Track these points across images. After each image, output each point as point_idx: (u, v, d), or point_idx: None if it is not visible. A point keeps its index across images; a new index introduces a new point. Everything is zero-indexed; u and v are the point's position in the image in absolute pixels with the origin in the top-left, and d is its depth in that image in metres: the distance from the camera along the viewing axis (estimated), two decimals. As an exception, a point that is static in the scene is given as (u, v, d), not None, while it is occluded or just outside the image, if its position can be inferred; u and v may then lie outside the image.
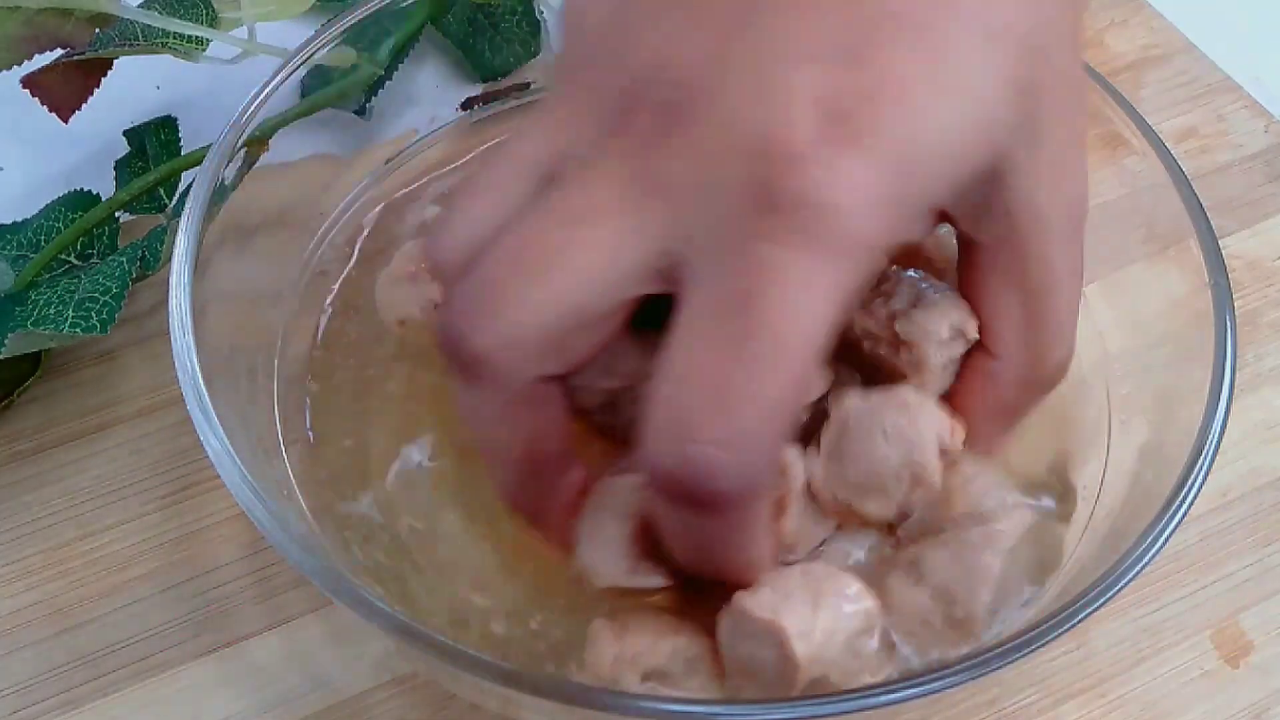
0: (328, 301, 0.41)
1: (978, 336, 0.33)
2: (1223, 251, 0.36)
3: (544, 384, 0.30)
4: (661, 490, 0.27)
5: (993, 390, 0.33)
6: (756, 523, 0.29)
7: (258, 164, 0.39)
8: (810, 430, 0.33)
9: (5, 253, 0.46)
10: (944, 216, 0.31)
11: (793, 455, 0.32)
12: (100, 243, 0.46)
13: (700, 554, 0.30)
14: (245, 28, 0.48)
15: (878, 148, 0.26)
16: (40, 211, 0.47)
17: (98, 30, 0.46)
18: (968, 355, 0.33)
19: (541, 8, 0.52)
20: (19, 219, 0.48)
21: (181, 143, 0.49)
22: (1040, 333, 0.32)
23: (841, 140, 0.26)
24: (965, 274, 0.33)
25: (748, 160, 0.26)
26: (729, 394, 0.26)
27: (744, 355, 0.26)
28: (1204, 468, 0.32)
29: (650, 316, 0.29)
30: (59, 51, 0.46)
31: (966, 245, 0.32)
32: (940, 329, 0.33)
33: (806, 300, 0.26)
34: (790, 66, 0.27)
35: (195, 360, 0.33)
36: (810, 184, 0.26)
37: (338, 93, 0.45)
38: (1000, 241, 0.31)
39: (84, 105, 0.47)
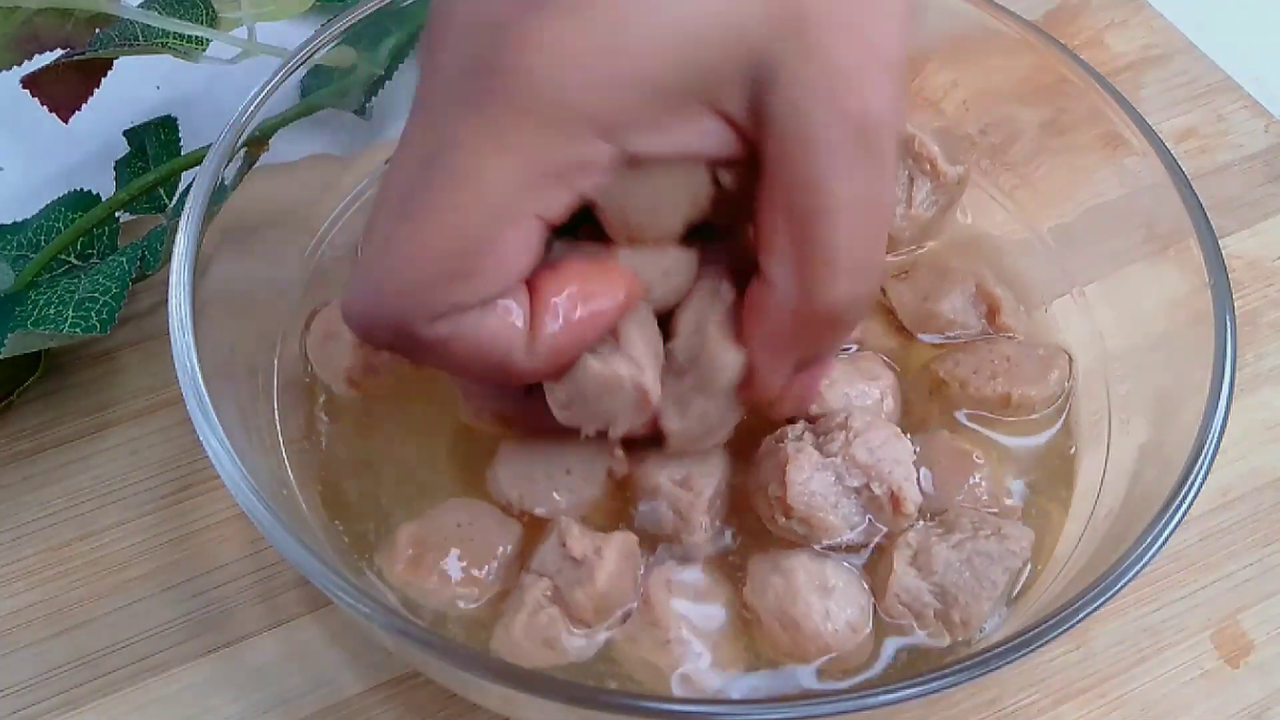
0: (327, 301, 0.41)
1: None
2: (1223, 251, 0.36)
3: None
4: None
5: (762, 319, 0.31)
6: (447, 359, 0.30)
7: (258, 164, 0.39)
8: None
9: (5, 253, 0.46)
10: (740, 135, 0.29)
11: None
12: (100, 243, 0.46)
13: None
14: (245, 28, 0.48)
15: (585, 18, 0.26)
16: (40, 211, 0.47)
17: (98, 30, 0.46)
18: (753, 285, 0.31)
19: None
20: (19, 219, 0.48)
21: (181, 143, 0.49)
22: (808, 262, 0.29)
23: (547, 8, 0.26)
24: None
25: (471, 38, 0.27)
26: (390, 243, 0.28)
27: (409, 209, 0.27)
28: (1204, 468, 0.32)
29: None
30: (59, 51, 0.46)
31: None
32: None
33: (487, 162, 0.27)
34: None
35: (195, 360, 0.33)
36: (508, 47, 0.26)
37: (338, 93, 0.45)
38: (771, 156, 0.29)
39: (84, 105, 0.47)
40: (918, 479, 0.35)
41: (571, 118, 0.27)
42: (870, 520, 0.35)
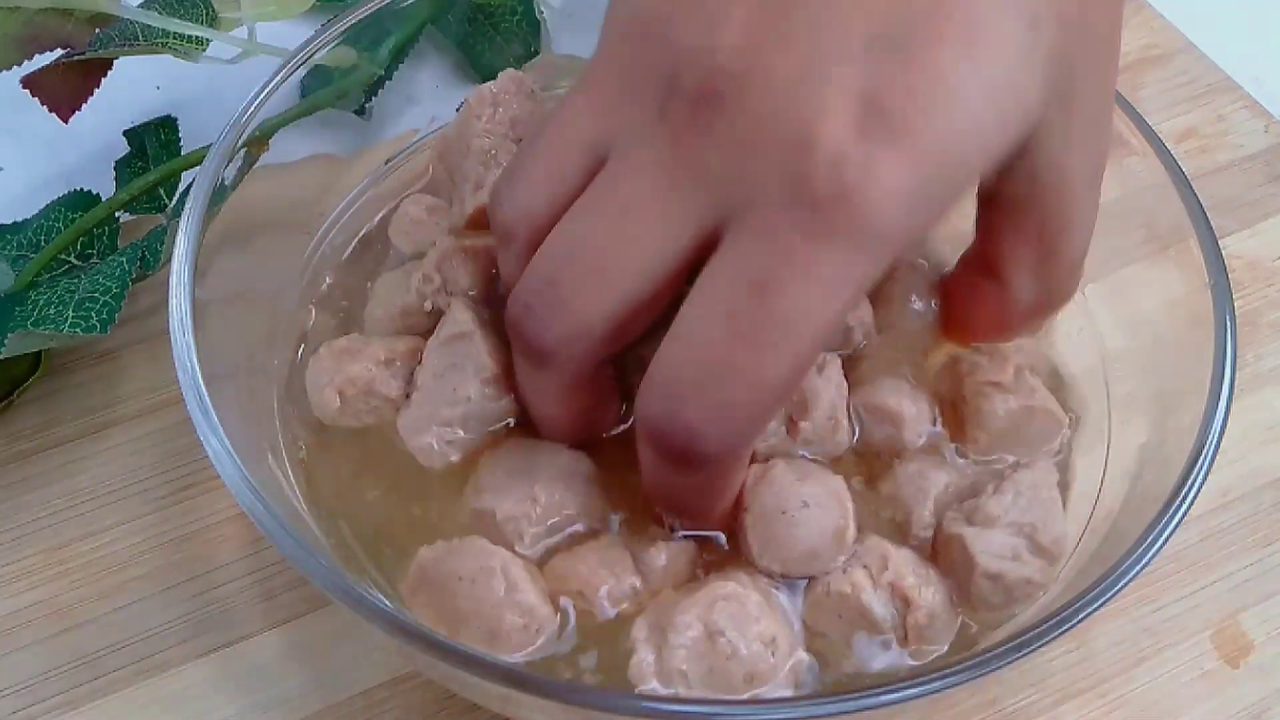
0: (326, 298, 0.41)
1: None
2: (1223, 251, 0.36)
3: (601, 365, 0.32)
4: (647, 441, 0.29)
5: (1003, 315, 0.35)
6: (730, 481, 0.32)
7: (258, 164, 0.39)
8: None
9: (5, 253, 0.46)
10: None
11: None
12: (100, 243, 0.46)
13: (671, 500, 0.32)
14: (245, 28, 0.48)
15: (917, 146, 0.27)
16: (40, 211, 0.47)
17: (98, 30, 0.46)
18: (976, 279, 0.34)
19: (541, 8, 0.52)
20: (19, 219, 0.48)
21: (181, 143, 0.49)
22: (1052, 272, 0.33)
23: (881, 138, 0.26)
24: (983, 216, 0.33)
25: (786, 151, 0.27)
26: (729, 371, 0.27)
27: (752, 338, 0.27)
28: (1204, 468, 0.32)
29: None
30: (59, 51, 0.46)
31: (988, 192, 0.32)
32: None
33: (826, 294, 0.27)
34: (832, 58, 0.27)
35: (195, 360, 0.33)
36: (847, 182, 0.26)
37: (338, 93, 0.45)
38: (1022, 198, 0.31)
39: (84, 105, 0.47)
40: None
41: (896, 247, 0.27)
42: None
